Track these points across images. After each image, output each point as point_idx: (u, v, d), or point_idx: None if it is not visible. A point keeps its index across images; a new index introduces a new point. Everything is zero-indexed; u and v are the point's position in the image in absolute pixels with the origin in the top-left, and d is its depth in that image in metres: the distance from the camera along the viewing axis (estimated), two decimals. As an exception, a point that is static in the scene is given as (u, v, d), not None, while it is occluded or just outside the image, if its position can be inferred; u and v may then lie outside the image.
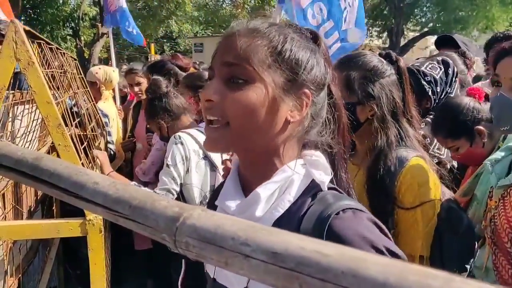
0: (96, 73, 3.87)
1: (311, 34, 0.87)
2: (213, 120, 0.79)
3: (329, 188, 0.81)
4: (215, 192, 1.00)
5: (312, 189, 0.80)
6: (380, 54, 1.54)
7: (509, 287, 1.30)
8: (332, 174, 0.84)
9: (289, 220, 0.78)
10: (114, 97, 4.43)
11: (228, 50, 0.79)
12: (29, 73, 1.19)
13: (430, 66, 2.09)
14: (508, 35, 2.68)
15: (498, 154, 1.47)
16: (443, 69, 2.10)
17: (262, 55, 0.77)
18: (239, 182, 0.87)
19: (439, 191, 1.43)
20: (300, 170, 0.81)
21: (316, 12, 2.72)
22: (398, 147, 1.42)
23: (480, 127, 1.71)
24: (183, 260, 1.81)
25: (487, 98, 1.76)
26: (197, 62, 5.31)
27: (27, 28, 1.29)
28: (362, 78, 1.43)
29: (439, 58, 2.14)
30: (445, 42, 3.04)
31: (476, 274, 1.48)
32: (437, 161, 1.87)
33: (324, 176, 0.80)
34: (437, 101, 2.08)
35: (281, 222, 0.78)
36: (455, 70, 2.11)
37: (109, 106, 3.83)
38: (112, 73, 3.95)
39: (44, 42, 1.58)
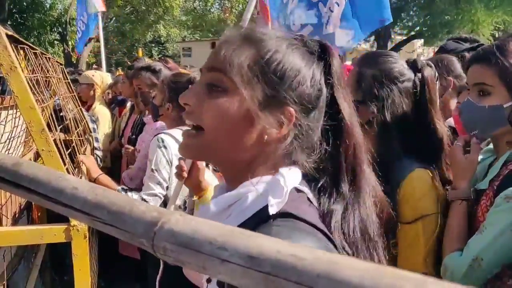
0: (93, 75, 4.18)
1: (320, 48, 0.79)
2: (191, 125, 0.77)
3: (285, 214, 0.68)
4: None
5: (265, 211, 0.68)
6: (407, 61, 1.46)
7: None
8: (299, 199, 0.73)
9: None
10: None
11: (214, 55, 0.75)
12: (12, 78, 1.18)
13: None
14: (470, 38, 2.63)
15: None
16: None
17: (244, 65, 0.72)
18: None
19: (439, 206, 1.35)
20: (262, 187, 0.72)
21: (296, 17, 2.71)
22: (404, 158, 1.35)
23: None
24: (160, 260, 1.78)
25: None
26: (188, 66, 5.31)
27: (10, 32, 1.27)
28: (372, 77, 1.37)
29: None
30: None
31: None
32: None
33: (274, 200, 0.68)
34: None
35: None
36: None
37: (103, 108, 4.05)
38: (106, 76, 4.29)
39: (28, 47, 1.57)
